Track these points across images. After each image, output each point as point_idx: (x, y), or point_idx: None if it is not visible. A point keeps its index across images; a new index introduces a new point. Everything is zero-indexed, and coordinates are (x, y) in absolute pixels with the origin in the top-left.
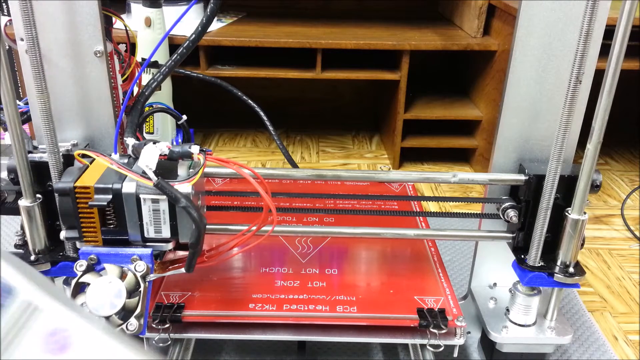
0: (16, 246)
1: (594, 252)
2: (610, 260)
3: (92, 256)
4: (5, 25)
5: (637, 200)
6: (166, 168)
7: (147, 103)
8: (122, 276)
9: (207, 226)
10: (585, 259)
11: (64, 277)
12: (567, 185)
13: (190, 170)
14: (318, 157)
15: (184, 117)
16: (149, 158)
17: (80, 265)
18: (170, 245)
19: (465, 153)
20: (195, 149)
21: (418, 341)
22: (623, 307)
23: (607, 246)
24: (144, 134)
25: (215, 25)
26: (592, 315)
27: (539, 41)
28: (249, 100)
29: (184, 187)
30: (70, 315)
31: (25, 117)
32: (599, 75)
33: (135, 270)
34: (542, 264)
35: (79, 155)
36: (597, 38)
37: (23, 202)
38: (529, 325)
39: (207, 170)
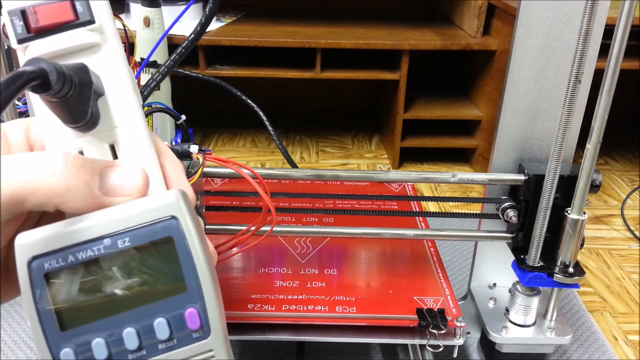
0: None
1: (594, 252)
2: (610, 261)
3: None
4: (4, 25)
5: (637, 200)
6: None
7: (146, 103)
8: None
9: (206, 226)
10: (585, 259)
11: None
12: (567, 185)
13: (189, 170)
14: (317, 157)
15: (183, 117)
16: None
17: None
18: None
19: (465, 153)
20: (194, 148)
21: (417, 341)
22: (623, 308)
23: (607, 246)
24: None
25: (215, 24)
26: (592, 315)
27: (538, 41)
28: (249, 100)
29: None
30: None
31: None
32: (599, 74)
33: None
34: (542, 264)
35: None
36: (596, 37)
37: None
38: (528, 326)
39: (206, 170)
